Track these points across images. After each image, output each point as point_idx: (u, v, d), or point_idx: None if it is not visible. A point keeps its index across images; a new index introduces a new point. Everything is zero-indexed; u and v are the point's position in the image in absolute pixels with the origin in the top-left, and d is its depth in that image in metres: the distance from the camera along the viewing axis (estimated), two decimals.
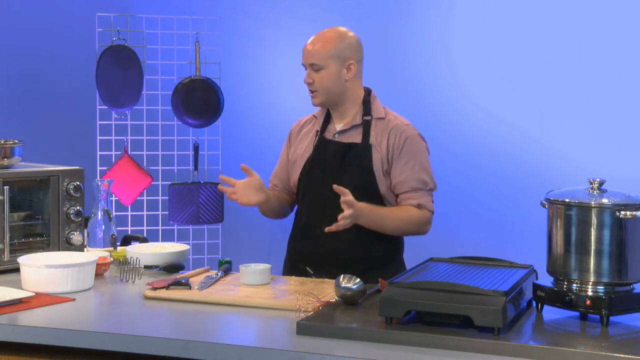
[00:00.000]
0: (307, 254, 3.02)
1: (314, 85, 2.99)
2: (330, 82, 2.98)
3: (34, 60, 5.17)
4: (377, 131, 2.99)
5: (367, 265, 2.93)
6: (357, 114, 3.03)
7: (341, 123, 3.05)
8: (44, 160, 3.21)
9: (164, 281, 2.62)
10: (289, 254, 3.14)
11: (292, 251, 3.12)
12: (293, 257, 3.09)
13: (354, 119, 3.02)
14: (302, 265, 3.00)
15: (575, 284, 2.21)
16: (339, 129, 3.04)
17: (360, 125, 3.01)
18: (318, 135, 3.06)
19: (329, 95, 3.00)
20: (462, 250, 3.03)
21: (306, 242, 3.03)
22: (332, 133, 3.04)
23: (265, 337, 2.22)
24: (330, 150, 3.01)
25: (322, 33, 3.02)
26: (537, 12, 4.67)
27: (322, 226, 2.87)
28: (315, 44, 2.99)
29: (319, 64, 2.97)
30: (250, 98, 5.06)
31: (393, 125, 3.00)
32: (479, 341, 2.00)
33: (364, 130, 3.00)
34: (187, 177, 4.80)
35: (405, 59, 4.91)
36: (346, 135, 3.02)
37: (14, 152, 3.01)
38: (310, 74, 2.99)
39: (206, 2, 5.08)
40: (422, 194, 2.97)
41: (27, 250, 2.91)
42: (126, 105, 4.69)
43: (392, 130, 2.99)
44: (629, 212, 2.16)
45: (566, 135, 4.64)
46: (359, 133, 3.01)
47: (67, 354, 2.20)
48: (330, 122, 3.08)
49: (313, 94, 3.01)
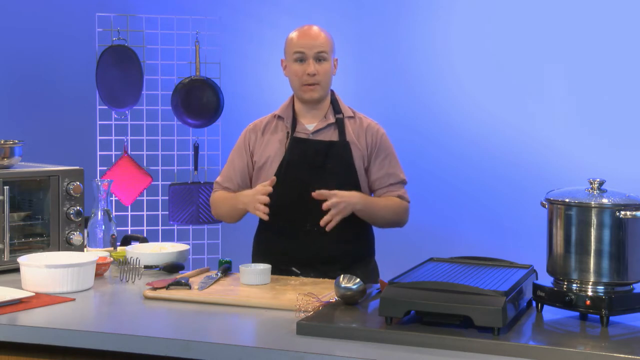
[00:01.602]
0: (293, 254, 2.99)
1: (317, 77, 2.95)
2: (329, 75, 3.00)
3: (34, 60, 5.17)
4: (353, 129, 3.02)
5: (349, 262, 2.98)
6: (328, 113, 3.03)
7: (311, 122, 3.03)
8: (44, 160, 3.21)
9: (164, 281, 2.62)
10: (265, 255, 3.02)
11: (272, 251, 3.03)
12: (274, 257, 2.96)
13: (327, 118, 3.02)
14: (285, 266, 2.94)
15: (575, 284, 2.21)
16: (313, 129, 3.02)
17: (335, 123, 3.02)
18: (289, 135, 3.02)
19: (326, 89, 3.01)
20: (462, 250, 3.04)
21: (291, 242, 3.00)
22: (305, 132, 3.02)
23: (265, 337, 2.22)
24: (309, 149, 2.99)
25: (312, 26, 3.00)
26: (538, 12, 4.67)
27: (307, 225, 2.95)
28: (319, 34, 2.97)
29: (326, 55, 2.96)
30: (250, 98, 5.05)
31: (367, 125, 3.05)
32: (479, 341, 2.00)
33: (339, 128, 3.01)
34: (187, 177, 4.80)
35: (405, 59, 4.91)
36: (322, 133, 3.01)
37: (14, 152, 3.01)
38: (313, 65, 2.95)
39: (206, 2, 5.08)
40: (399, 187, 3.07)
41: (27, 250, 2.91)
42: (126, 105, 4.69)
43: (368, 129, 3.04)
44: (629, 212, 2.16)
45: (566, 135, 4.64)
46: (334, 131, 3.01)
47: (67, 354, 2.20)
48: (297, 122, 3.04)
49: (312, 87, 2.96)
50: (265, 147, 3.05)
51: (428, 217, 4.72)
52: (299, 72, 2.96)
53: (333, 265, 2.94)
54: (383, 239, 3.30)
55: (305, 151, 2.99)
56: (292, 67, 2.98)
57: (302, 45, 2.95)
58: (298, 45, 2.96)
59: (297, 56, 2.96)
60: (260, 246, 3.13)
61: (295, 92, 3.04)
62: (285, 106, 3.08)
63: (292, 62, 2.98)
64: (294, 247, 2.99)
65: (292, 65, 2.98)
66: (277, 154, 3.01)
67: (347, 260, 3.00)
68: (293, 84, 3.01)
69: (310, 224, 2.95)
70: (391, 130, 3.20)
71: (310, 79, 2.95)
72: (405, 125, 4.73)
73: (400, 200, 3.05)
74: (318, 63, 2.95)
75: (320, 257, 2.98)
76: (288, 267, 2.94)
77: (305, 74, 2.95)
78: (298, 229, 2.98)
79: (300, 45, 2.96)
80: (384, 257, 3.25)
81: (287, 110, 3.06)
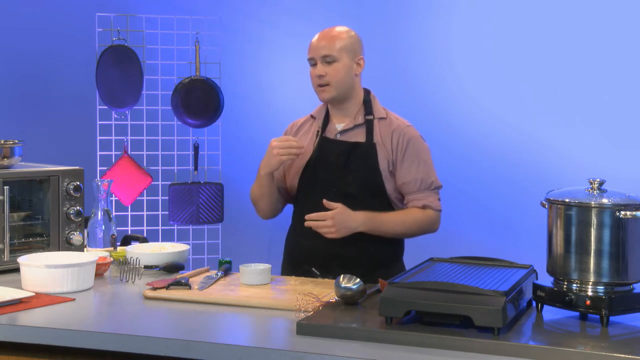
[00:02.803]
0: (314, 253, 2.98)
1: (325, 79, 2.97)
2: (343, 75, 2.98)
3: (34, 60, 5.17)
4: (381, 131, 3.00)
5: (372, 265, 2.94)
6: (358, 114, 3.03)
7: (342, 122, 3.04)
8: (44, 160, 3.21)
9: (164, 281, 2.63)
10: (290, 254, 3.11)
11: (296, 252, 3.08)
12: (297, 257, 3.04)
13: (356, 119, 3.02)
14: (307, 266, 2.94)
15: (575, 284, 2.21)
16: (341, 129, 3.03)
17: (363, 124, 3.01)
18: (319, 135, 3.05)
19: (340, 89, 2.99)
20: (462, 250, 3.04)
21: (313, 242, 2.97)
22: (334, 132, 3.04)
23: (265, 337, 2.22)
24: (333, 149, 3.00)
25: (330, 29, 3.02)
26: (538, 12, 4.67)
27: None
28: (327, 37, 2.98)
29: (333, 56, 2.96)
30: (250, 98, 5.06)
31: (395, 127, 3.01)
32: (479, 341, 2.00)
33: (367, 129, 3.00)
34: (187, 177, 4.80)
35: (405, 59, 4.91)
36: (349, 134, 3.02)
37: (14, 152, 3.01)
38: (321, 67, 2.97)
39: (206, 2, 5.08)
40: (428, 194, 2.99)
41: (27, 250, 2.91)
42: (126, 105, 4.69)
43: (395, 132, 3.00)
44: (629, 212, 2.16)
45: (566, 135, 4.64)
46: (362, 132, 3.00)
47: (67, 354, 2.20)
48: (329, 122, 3.07)
49: (323, 88, 2.98)
50: None
51: None
52: (312, 75, 3.01)
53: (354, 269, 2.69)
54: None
55: (330, 151, 3.00)
56: (310, 70, 3.03)
57: (311, 50, 3.01)
58: (309, 49, 3.01)
59: (310, 61, 3.02)
60: (288, 244, 3.14)
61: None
62: (320, 107, 3.12)
63: (310, 66, 3.03)
64: (315, 248, 2.98)
65: (310, 68, 3.03)
66: (305, 152, 3.03)
67: (368, 264, 2.94)
68: (313, 86, 3.05)
69: None
70: None
71: (319, 80, 2.98)
72: None
73: (422, 210, 2.96)
74: (327, 65, 2.97)
75: (340, 259, 2.94)
76: (309, 267, 2.93)
77: (316, 77, 2.99)
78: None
79: (309, 50, 3.01)
80: None
81: (321, 111, 3.10)
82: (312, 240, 2.97)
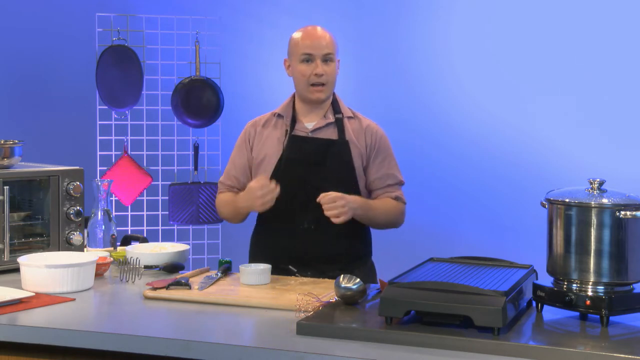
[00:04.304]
0: (290, 252, 2.97)
1: (324, 78, 2.97)
2: (335, 75, 3.02)
3: (34, 60, 5.17)
4: (352, 129, 3.03)
5: (346, 261, 2.98)
6: (328, 112, 3.04)
7: (311, 121, 3.04)
8: (44, 160, 3.21)
9: (164, 281, 2.62)
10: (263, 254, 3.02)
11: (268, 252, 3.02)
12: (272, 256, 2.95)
13: (326, 117, 3.03)
14: (283, 265, 2.91)
15: (575, 284, 2.21)
16: (312, 127, 3.03)
17: (334, 123, 3.02)
18: (287, 133, 3.03)
19: (332, 89, 3.03)
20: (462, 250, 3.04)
21: (289, 240, 2.99)
22: (305, 131, 3.03)
23: (265, 337, 2.22)
24: (307, 147, 3.00)
25: (318, 27, 3.02)
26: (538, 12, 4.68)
27: (305, 223, 2.96)
28: (326, 36, 2.99)
29: (332, 55, 2.97)
30: (250, 98, 5.05)
31: (367, 125, 3.07)
32: (479, 341, 2.00)
33: (339, 127, 3.02)
34: (187, 177, 4.80)
35: (405, 59, 4.91)
36: (321, 132, 3.02)
37: (14, 152, 3.01)
38: (321, 66, 2.96)
39: (206, 2, 5.08)
40: (396, 188, 3.08)
41: (27, 250, 2.91)
42: (126, 105, 4.69)
43: (367, 130, 3.05)
44: (629, 212, 2.16)
45: (566, 135, 4.64)
46: (333, 131, 3.02)
47: (67, 354, 2.20)
48: (297, 120, 3.05)
49: (320, 87, 2.98)
50: (263, 144, 3.06)
51: (428, 217, 4.73)
52: (306, 72, 2.97)
53: (331, 265, 2.94)
54: (383, 239, 3.31)
55: (305, 149, 3.00)
56: (299, 67, 2.99)
57: (310, 46, 2.97)
58: (305, 46, 2.97)
59: (304, 57, 2.97)
60: (258, 245, 3.13)
61: (300, 92, 3.03)
62: (285, 105, 3.09)
63: (298, 62, 2.99)
64: (292, 246, 2.99)
65: (298, 65, 2.98)
66: (274, 151, 3.01)
67: (344, 259, 3.00)
68: (299, 84, 3.01)
69: (308, 222, 2.96)
70: (391, 130, 3.20)
71: (317, 79, 2.97)
72: (405, 125, 4.73)
73: (396, 202, 3.06)
74: (325, 64, 2.97)
75: (318, 255, 2.97)
76: (285, 265, 2.92)
77: (313, 75, 2.96)
78: (295, 227, 2.98)
79: (307, 46, 2.97)
80: (384, 257, 3.25)
81: (287, 109, 3.07)
82: (284, 239, 3.00)
